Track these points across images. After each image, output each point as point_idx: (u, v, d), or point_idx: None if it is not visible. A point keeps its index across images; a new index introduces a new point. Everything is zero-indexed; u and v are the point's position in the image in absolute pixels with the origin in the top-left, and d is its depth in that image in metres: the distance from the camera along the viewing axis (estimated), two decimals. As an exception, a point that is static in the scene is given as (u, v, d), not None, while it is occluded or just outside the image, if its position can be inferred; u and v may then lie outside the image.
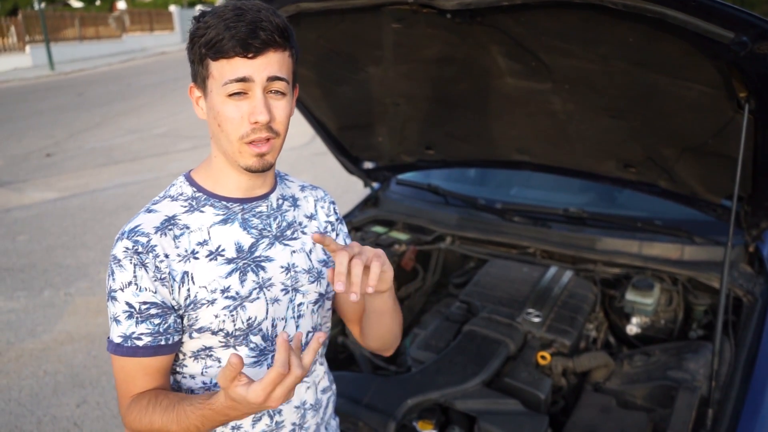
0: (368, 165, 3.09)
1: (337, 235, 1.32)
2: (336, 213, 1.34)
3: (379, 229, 2.97)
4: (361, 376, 2.02)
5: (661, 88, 1.79)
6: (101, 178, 7.46)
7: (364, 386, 1.87)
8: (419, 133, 2.67)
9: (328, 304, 1.30)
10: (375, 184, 3.25)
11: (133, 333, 1.05)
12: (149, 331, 1.06)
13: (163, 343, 1.08)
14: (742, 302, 2.17)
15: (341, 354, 2.46)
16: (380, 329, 1.27)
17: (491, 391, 1.86)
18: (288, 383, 0.90)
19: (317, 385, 1.30)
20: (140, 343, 1.06)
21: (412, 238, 2.88)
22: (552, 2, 1.55)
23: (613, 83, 1.86)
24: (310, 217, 1.27)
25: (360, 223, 3.04)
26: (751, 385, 1.74)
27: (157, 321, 1.06)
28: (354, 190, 5.66)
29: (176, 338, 1.10)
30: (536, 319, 2.16)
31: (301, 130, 7.63)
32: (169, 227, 1.09)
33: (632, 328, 2.35)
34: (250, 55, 1.00)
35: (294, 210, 1.24)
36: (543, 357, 2.04)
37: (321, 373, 1.32)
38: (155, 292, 1.05)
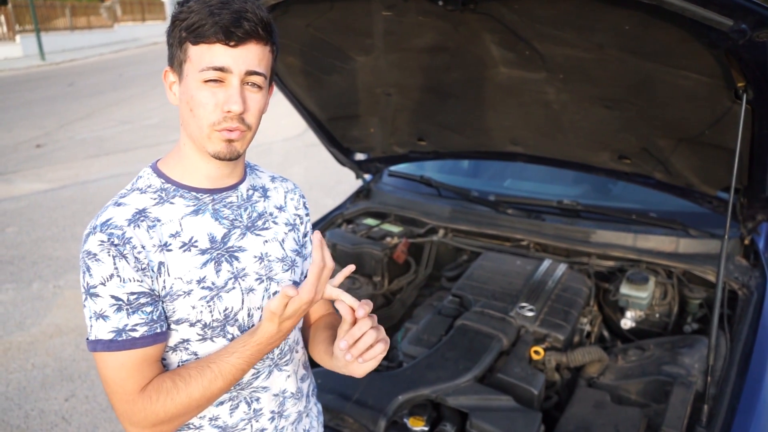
0: (360, 156, 3.06)
1: (306, 232, 1.32)
2: (305, 207, 1.34)
3: (371, 221, 2.94)
4: (352, 372, 1.99)
5: (657, 78, 1.75)
6: (92, 169, 7.39)
7: (354, 382, 1.84)
8: (411, 124, 2.62)
9: None
10: (367, 176, 3.21)
11: (126, 325, 1.02)
12: (143, 320, 1.02)
13: (159, 330, 1.04)
14: (738, 295, 2.15)
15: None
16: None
17: (483, 386, 1.84)
18: (325, 275, 1.00)
19: (296, 373, 1.30)
20: (136, 335, 1.02)
21: (404, 231, 2.85)
22: (546, -12, 1.51)
23: (608, 72, 1.82)
24: (280, 209, 1.27)
25: (352, 215, 3.00)
26: (747, 380, 1.71)
27: (149, 309, 1.03)
28: (347, 181, 5.61)
29: (166, 326, 1.07)
30: (529, 313, 2.13)
31: (293, 121, 7.61)
32: (141, 219, 1.05)
33: (626, 322, 2.32)
34: (231, 44, 1.00)
35: (264, 201, 1.24)
36: (536, 352, 2.01)
37: (298, 361, 1.32)
38: (141, 281, 1.02)
